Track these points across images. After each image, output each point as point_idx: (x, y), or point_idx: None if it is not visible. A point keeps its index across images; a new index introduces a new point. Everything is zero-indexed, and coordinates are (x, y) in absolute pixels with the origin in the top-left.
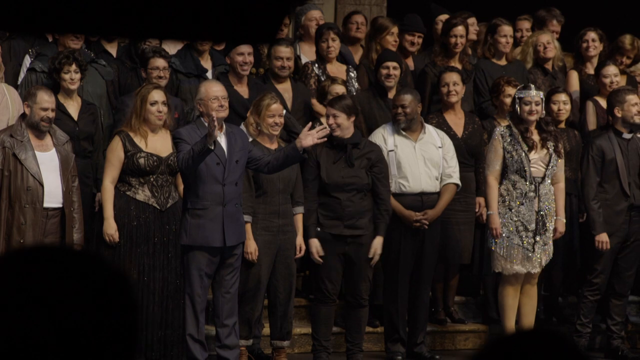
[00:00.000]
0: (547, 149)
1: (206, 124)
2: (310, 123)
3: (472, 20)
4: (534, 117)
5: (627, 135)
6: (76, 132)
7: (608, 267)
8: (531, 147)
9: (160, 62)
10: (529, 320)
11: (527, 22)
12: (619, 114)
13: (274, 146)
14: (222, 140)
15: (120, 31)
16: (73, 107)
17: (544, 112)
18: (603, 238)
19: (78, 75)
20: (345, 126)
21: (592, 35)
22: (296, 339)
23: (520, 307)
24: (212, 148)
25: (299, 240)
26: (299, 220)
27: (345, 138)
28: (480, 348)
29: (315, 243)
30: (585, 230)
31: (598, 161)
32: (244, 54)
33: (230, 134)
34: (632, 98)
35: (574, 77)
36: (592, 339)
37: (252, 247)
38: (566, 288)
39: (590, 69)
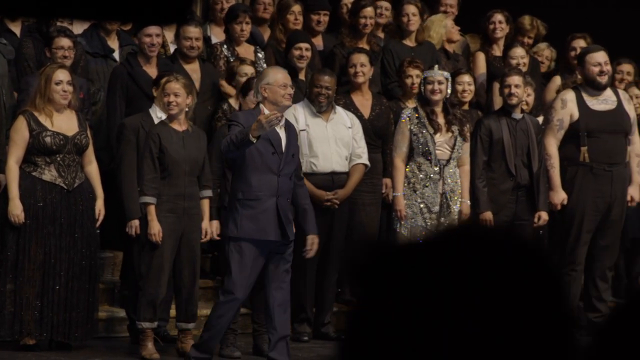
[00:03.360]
0: (452, 132)
1: (266, 111)
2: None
3: (386, 5)
4: (437, 97)
5: (517, 116)
6: None
7: None
8: (436, 130)
9: (64, 42)
10: None
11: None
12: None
13: (182, 128)
14: (281, 132)
15: (27, 10)
16: None
17: (449, 91)
18: (487, 216)
19: None
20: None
21: (498, 17)
22: (203, 320)
23: None
24: (254, 141)
25: (205, 224)
26: (205, 204)
27: None
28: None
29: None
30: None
31: (485, 140)
32: (152, 35)
33: (290, 127)
34: (511, 79)
35: (481, 59)
36: None
37: (155, 228)
38: None
39: (497, 51)
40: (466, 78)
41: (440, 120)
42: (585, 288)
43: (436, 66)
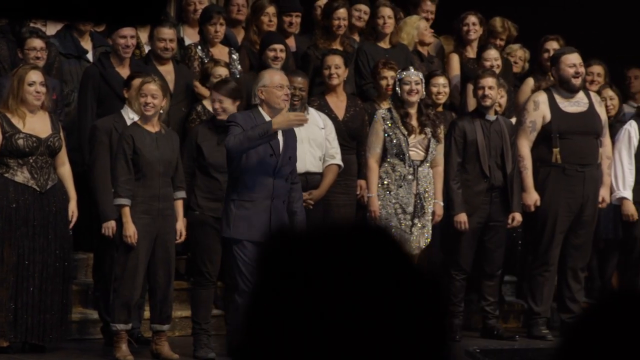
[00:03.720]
0: (426, 133)
1: (263, 113)
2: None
3: (364, 8)
4: (414, 98)
5: (490, 117)
6: None
7: (470, 246)
8: (410, 132)
9: (37, 43)
10: None
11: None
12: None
13: (155, 129)
14: (279, 133)
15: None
16: None
17: (424, 92)
18: (461, 218)
19: None
20: (230, 110)
21: (472, 19)
22: (177, 322)
23: None
24: (276, 134)
25: (179, 225)
26: (179, 205)
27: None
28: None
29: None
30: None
31: (460, 142)
32: (127, 36)
33: (288, 129)
34: (485, 81)
35: (455, 60)
36: (468, 318)
37: (130, 230)
38: (444, 268)
39: (471, 53)
40: (441, 80)
41: (414, 122)
42: (559, 289)
43: (411, 67)
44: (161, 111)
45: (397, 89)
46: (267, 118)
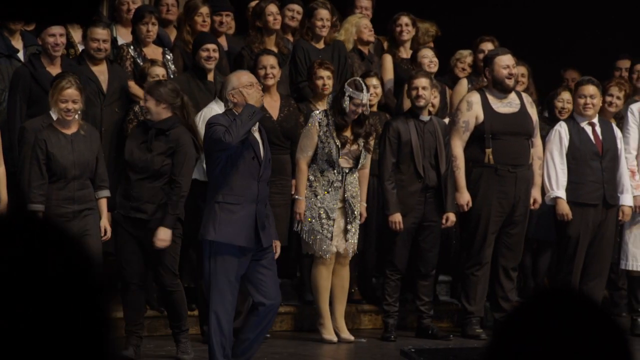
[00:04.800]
0: (359, 144)
1: (237, 114)
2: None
3: (297, 8)
4: (357, 115)
5: (424, 118)
6: None
7: (405, 246)
8: (344, 143)
9: None
10: (341, 300)
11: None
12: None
13: (71, 130)
14: (257, 135)
15: None
16: None
17: (368, 109)
18: (396, 218)
19: None
20: (154, 111)
21: (405, 19)
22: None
23: (332, 289)
24: (260, 110)
25: (104, 222)
26: (102, 203)
27: (153, 122)
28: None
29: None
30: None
31: (394, 142)
32: (56, 35)
33: (262, 131)
34: (419, 82)
35: (388, 61)
36: (403, 318)
37: None
38: (379, 269)
39: (404, 53)
40: (373, 81)
41: (349, 133)
42: (491, 288)
43: (365, 88)
44: (79, 112)
45: (344, 102)
46: None
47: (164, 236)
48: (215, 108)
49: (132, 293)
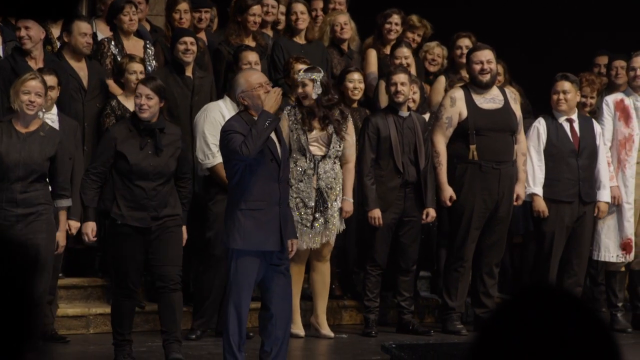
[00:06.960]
0: (328, 130)
1: (252, 116)
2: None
3: (272, 2)
4: (306, 102)
5: (403, 114)
6: None
7: (385, 242)
8: (310, 129)
9: None
10: (322, 296)
11: (320, 2)
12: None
13: (29, 129)
14: (273, 136)
15: None
16: None
17: (318, 91)
18: (375, 214)
19: None
20: (154, 111)
21: (396, 18)
22: (91, 319)
23: (312, 284)
24: (276, 116)
25: (59, 235)
26: (62, 215)
27: (150, 122)
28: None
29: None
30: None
31: (373, 138)
32: (21, 27)
33: (278, 130)
34: (397, 77)
35: (372, 56)
36: (384, 314)
37: None
38: (360, 264)
39: (387, 49)
40: (356, 76)
41: (314, 120)
42: (473, 284)
43: (319, 68)
44: (43, 110)
45: (299, 89)
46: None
47: (185, 235)
48: (221, 105)
49: (134, 303)
